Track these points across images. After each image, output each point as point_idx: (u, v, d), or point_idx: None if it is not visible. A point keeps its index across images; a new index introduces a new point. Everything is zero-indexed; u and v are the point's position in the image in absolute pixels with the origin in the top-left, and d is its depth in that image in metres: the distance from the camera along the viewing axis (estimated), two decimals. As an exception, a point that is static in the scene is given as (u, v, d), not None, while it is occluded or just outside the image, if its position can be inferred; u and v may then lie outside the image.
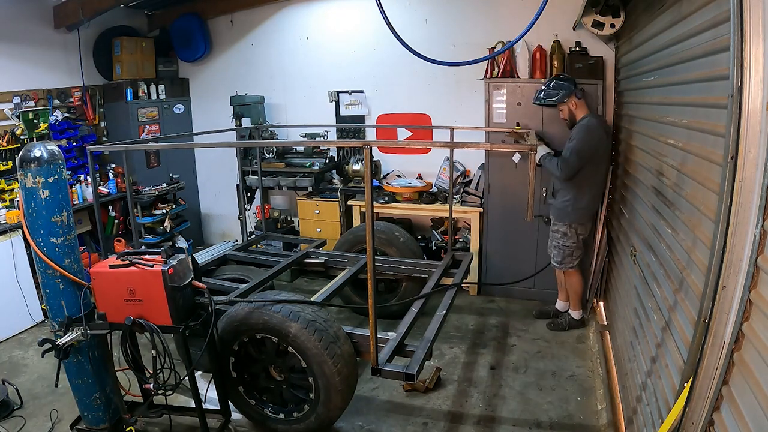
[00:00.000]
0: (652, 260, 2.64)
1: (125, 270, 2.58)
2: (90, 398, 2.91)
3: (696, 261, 1.92)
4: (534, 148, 2.62)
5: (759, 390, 1.32)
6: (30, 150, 2.62)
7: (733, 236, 1.47)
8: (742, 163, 1.44)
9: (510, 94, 4.56)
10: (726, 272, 1.49)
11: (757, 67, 1.39)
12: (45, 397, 3.49)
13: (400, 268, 4.21)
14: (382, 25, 2.77)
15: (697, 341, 1.65)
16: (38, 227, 2.67)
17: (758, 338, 1.36)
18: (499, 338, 4.25)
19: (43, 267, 2.71)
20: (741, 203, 1.45)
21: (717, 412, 1.55)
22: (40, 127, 4.99)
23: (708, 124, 1.93)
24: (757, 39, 1.39)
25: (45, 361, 3.49)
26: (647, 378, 2.45)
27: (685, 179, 2.20)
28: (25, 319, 4.46)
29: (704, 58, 2.04)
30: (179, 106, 6.30)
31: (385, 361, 2.74)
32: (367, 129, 5.66)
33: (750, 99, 1.42)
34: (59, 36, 5.37)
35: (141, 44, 5.91)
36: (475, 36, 4.97)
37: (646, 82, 3.24)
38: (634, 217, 3.26)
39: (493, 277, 4.97)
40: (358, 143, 3.75)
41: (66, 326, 2.65)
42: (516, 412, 3.30)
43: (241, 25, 6.00)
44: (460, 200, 4.97)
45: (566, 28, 4.61)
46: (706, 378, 1.57)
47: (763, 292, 1.38)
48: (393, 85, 5.47)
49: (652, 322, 2.50)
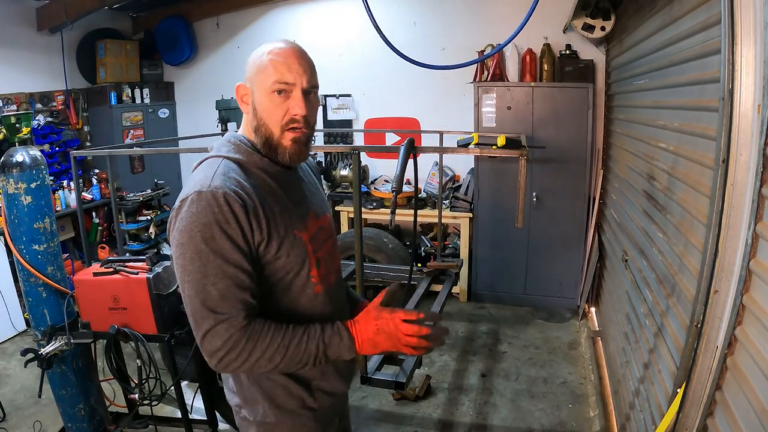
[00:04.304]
0: (643, 265, 2.64)
1: (109, 278, 2.52)
2: (74, 409, 2.84)
3: (688, 265, 1.91)
4: (525, 154, 2.60)
5: (752, 395, 1.31)
6: (12, 155, 2.57)
7: (725, 240, 1.46)
8: (733, 166, 1.44)
9: (499, 98, 4.56)
10: (718, 276, 1.48)
11: (748, 70, 1.39)
12: (28, 408, 3.41)
13: (389, 275, 4.18)
14: (370, 28, 2.74)
15: (690, 346, 1.63)
16: (20, 234, 2.61)
17: (751, 343, 1.35)
18: (490, 345, 4.23)
19: (25, 275, 2.65)
20: (733, 207, 1.44)
21: (710, 418, 1.54)
22: (23, 131, 4.90)
23: (699, 127, 1.92)
24: (748, 42, 1.39)
25: (28, 372, 3.43)
26: (640, 384, 2.44)
27: (677, 183, 2.19)
28: (7, 328, 4.37)
29: (695, 61, 2.03)
30: (164, 110, 6.23)
31: (374, 369, 2.70)
32: (355, 134, 5.63)
33: (741, 102, 1.41)
34: (42, 38, 5.29)
35: (125, 47, 5.84)
36: (464, 39, 4.97)
37: (637, 85, 3.25)
38: (626, 221, 3.26)
39: (483, 284, 4.96)
40: (345, 148, 3.72)
41: (49, 335, 2.59)
42: (508, 419, 3.27)
43: (226, 28, 5.96)
44: (450, 206, 4.96)
45: (556, 31, 4.63)
46: (699, 383, 1.56)
47: (755, 296, 1.37)
48: (381, 89, 5.45)
49: (644, 327, 2.49)
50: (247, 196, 1.25)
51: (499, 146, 3.04)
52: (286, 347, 1.24)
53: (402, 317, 1.30)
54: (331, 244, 1.52)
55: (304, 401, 1.43)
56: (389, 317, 1.31)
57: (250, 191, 1.27)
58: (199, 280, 1.20)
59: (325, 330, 1.29)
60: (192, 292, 1.22)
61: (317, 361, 1.28)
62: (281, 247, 1.30)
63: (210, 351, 1.22)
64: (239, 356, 1.22)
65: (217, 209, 1.20)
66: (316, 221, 1.45)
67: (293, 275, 1.35)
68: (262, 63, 1.32)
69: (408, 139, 2.62)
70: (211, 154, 1.37)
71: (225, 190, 1.22)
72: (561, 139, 4.44)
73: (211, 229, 1.20)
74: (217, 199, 1.20)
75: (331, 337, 1.28)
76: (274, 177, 1.37)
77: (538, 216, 4.62)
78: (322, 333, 1.28)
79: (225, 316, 1.21)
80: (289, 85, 1.31)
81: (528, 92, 4.48)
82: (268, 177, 1.35)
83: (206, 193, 1.21)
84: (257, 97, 1.33)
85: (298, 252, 1.34)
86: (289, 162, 1.37)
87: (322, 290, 1.41)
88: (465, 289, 5.01)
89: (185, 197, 1.24)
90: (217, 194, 1.21)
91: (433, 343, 1.32)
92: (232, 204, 1.21)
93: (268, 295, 1.34)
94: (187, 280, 1.22)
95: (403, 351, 1.32)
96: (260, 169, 1.35)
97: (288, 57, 1.32)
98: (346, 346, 1.29)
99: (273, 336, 1.24)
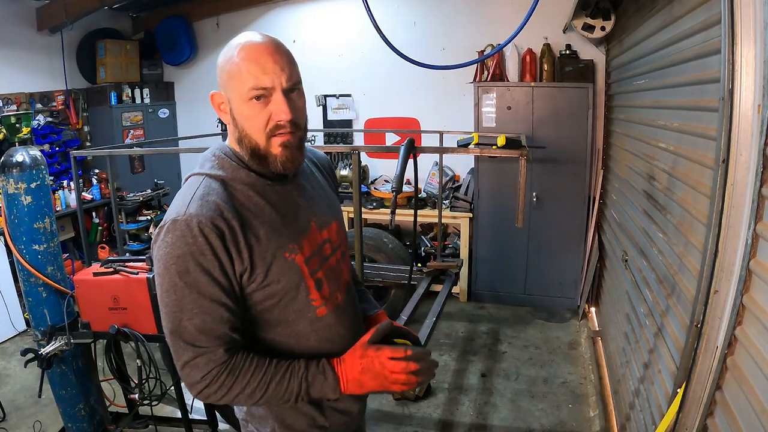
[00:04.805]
0: (643, 265, 2.63)
1: (109, 278, 2.52)
2: (74, 409, 2.84)
3: (688, 265, 1.91)
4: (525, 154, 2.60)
5: (753, 395, 1.31)
6: (12, 155, 2.57)
7: (725, 240, 1.46)
8: (733, 166, 1.43)
9: (499, 98, 4.56)
10: (718, 276, 1.48)
11: (748, 70, 1.38)
12: (28, 409, 3.41)
13: (389, 275, 4.18)
14: (370, 28, 2.74)
15: (690, 346, 1.63)
16: (20, 234, 2.61)
17: (751, 342, 1.35)
18: (490, 345, 4.23)
19: (25, 275, 2.65)
20: (733, 207, 1.44)
21: (710, 418, 1.54)
22: (23, 131, 4.91)
23: (699, 127, 1.92)
24: (748, 41, 1.38)
25: (28, 372, 3.43)
26: (640, 384, 2.44)
27: (677, 183, 2.19)
28: (7, 328, 4.37)
29: (695, 61, 2.03)
30: (164, 110, 6.23)
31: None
32: (355, 134, 5.63)
33: (741, 102, 1.41)
34: (42, 38, 5.29)
35: (125, 47, 5.84)
36: (464, 39, 4.96)
37: (637, 86, 3.24)
38: (626, 221, 3.26)
39: (483, 284, 4.96)
40: (345, 148, 3.72)
41: (49, 335, 2.59)
42: (507, 419, 3.27)
43: (227, 28, 5.95)
44: (450, 206, 4.96)
45: (556, 32, 4.63)
46: (699, 383, 1.56)
47: (755, 296, 1.37)
48: (381, 89, 5.45)
49: (644, 327, 2.49)
50: (225, 222, 1.15)
51: (499, 146, 3.04)
52: (267, 384, 1.18)
53: (389, 355, 1.23)
54: (338, 258, 1.40)
55: (315, 420, 1.35)
56: (374, 355, 1.23)
57: (230, 216, 1.16)
58: (175, 314, 1.14)
59: (309, 368, 1.21)
60: (169, 324, 1.15)
61: (299, 399, 1.22)
62: (268, 274, 1.20)
63: (189, 383, 1.17)
64: (219, 390, 1.17)
65: (191, 240, 1.11)
66: (318, 235, 1.34)
67: (288, 300, 1.25)
68: (233, 67, 1.18)
69: (408, 139, 2.62)
70: (194, 171, 1.27)
71: (200, 218, 1.12)
72: (561, 139, 4.44)
73: (185, 262, 1.12)
74: (191, 230, 1.11)
75: (314, 375, 1.21)
76: (263, 192, 1.25)
77: (538, 216, 4.61)
78: (306, 371, 1.20)
79: (204, 350, 1.14)
80: (267, 90, 1.17)
81: (528, 92, 4.47)
82: (255, 194, 1.23)
83: (180, 223, 1.12)
84: (234, 105, 1.21)
85: (291, 277, 1.24)
86: (283, 170, 1.25)
87: (327, 311, 1.31)
88: (465, 289, 5.01)
89: (163, 224, 1.16)
90: (191, 224, 1.12)
91: (423, 377, 1.26)
92: (208, 235, 1.12)
93: (260, 323, 1.26)
94: (165, 312, 1.16)
95: (391, 389, 1.25)
96: (246, 185, 1.23)
97: (260, 56, 1.17)
98: (330, 386, 1.22)
99: (254, 372, 1.17)
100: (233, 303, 1.17)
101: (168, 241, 1.13)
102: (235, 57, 1.18)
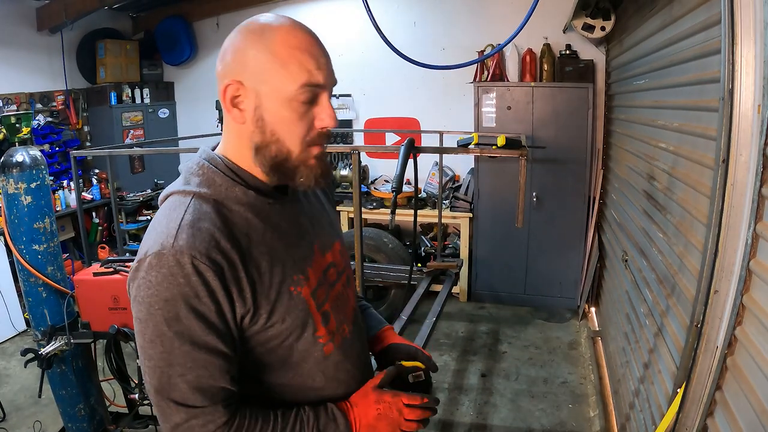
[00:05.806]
0: (643, 265, 2.64)
1: (109, 278, 2.52)
2: (74, 409, 2.83)
3: (688, 265, 1.91)
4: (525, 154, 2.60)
5: (753, 395, 1.31)
6: (12, 155, 2.56)
7: (725, 240, 1.46)
8: (733, 166, 1.43)
9: (499, 98, 4.56)
10: (718, 276, 1.48)
11: (748, 70, 1.38)
12: (28, 409, 3.41)
13: (389, 275, 4.18)
14: (370, 28, 2.74)
15: (690, 346, 1.63)
16: (20, 234, 2.60)
17: (751, 343, 1.35)
18: (490, 345, 4.23)
19: (25, 275, 2.65)
20: (733, 207, 1.44)
21: (710, 418, 1.54)
22: (23, 131, 4.90)
23: (699, 127, 1.92)
24: (748, 41, 1.38)
25: (28, 372, 3.42)
26: (640, 384, 2.44)
27: (677, 183, 2.19)
28: (7, 328, 4.37)
29: (695, 61, 2.03)
30: (164, 110, 6.23)
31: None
32: (355, 133, 5.62)
33: (741, 102, 1.41)
34: (42, 38, 5.28)
35: (125, 47, 5.83)
36: (464, 39, 4.96)
37: (637, 86, 3.25)
38: (626, 221, 3.26)
39: (483, 284, 4.96)
40: (345, 148, 3.73)
41: (49, 335, 2.59)
42: (508, 420, 3.27)
43: (227, 28, 5.88)
44: (450, 206, 4.96)
45: (556, 32, 4.63)
46: (699, 383, 1.55)
47: (755, 296, 1.37)
48: (381, 89, 5.45)
49: (644, 327, 2.49)
50: (223, 256, 0.94)
51: (499, 146, 3.03)
52: None
53: (405, 401, 1.14)
54: (343, 283, 1.23)
55: None
56: (392, 401, 1.13)
57: (228, 248, 0.95)
58: (163, 369, 0.93)
59: (319, 416, 1.07)
60: (154, 381, 0.95)
61: None
62: (273, 314, 1.02)
63: None
64: None
65: (183, 280, 0.91)
66: (322, 260, 1.16)
67: (293, 340, 1.07)
68: (277, 56, 0.95)
69: (408, 139, 2.62)
70: (177, 189, 1.03)
71: (193, 252, 0.91)
72: (561, 139, 4.44)
73: (175, 306, 0.91)
74: (182, 267, 0.91)
75: (326, 425, 1.06)
76: (263, 214, 1.04)
77: (538, 216, 4.62)
78: (316, 420, 1.06)
79: (199, 410, 0.95)
80: (319, 88, 0.99)
81: (528, 92, 4.47)
82: (254, 216, 1.02)
83: (168, 257, 0.91)
84: (269, 103, 0.97)
85: (297, 314, 1.05)
86: (315, 186, 1.07)
87: (334, 348, 1.14)
88: (465, 289, 5.00)
89: (143, 257, 0.94)
90: (182, 259, 0.91)
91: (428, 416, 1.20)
92: (204, 272, 0.91)
93: (259, 366, 1.07)
94: (149, 366, 0.95)
95: None
96: (243, 206, 1.02)
97: (312, 46, 0.98)
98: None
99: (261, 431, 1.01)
100: (231, 350, 0.98)
101: (152, 280, 0.92)
102: (278, 43, 0.96)
